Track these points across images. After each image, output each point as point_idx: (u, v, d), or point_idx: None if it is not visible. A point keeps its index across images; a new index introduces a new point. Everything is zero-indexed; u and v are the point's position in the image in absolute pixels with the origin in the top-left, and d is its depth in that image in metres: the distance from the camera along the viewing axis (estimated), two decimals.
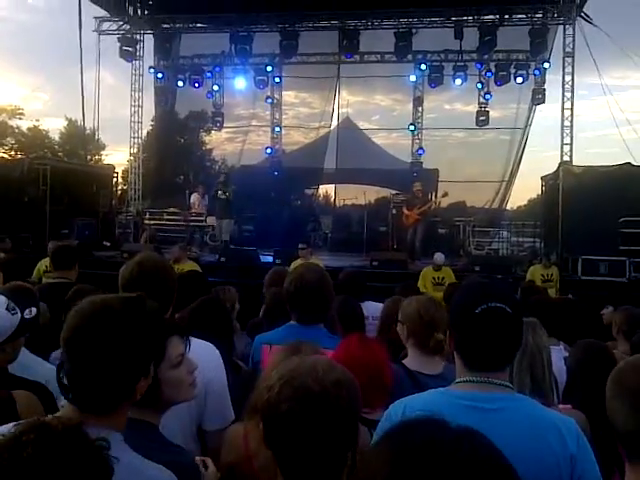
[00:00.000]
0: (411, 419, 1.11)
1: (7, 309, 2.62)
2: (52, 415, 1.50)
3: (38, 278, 7.60)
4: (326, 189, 28.26)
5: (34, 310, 2.89)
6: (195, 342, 2.33)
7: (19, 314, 2.70)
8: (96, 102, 21.26)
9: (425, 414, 1.11)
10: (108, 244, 16.80)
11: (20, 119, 43.14)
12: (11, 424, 1.58)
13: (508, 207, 24.77)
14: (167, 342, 2.14)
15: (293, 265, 7.88)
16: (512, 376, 2.42)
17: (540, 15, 20.24)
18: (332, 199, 26.68)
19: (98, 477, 1.19)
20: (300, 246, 11.38)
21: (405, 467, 0.98)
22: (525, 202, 40.50)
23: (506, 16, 20.16)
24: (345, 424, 1.57)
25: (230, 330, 3.66)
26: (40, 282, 6.58)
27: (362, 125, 25.06)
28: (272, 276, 5.72)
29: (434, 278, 11.20)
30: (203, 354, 2.56)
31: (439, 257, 11.65)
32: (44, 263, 7.93)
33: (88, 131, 25.19)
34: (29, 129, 44.42)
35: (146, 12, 22.24)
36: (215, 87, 23.29)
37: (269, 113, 25.04)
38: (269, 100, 24.18)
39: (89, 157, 28.92)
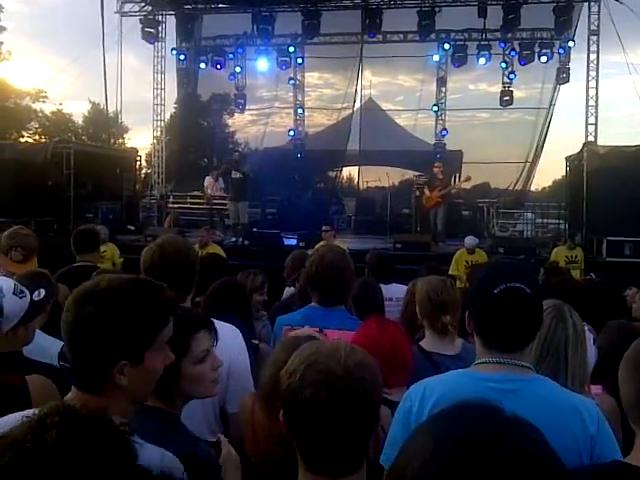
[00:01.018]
0: (465, 404, 1.08)
1: (14, 293, 2.65)
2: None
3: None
4: (349, 171, 28.18)
5: (42, 292, 2.90)
6: (217, 324, 2.32)
7: (28, 297, 2.73)
8: (119, 85, 21.36)
9: (478, 399, 1.08)
10: (132, 228, 16.92)
11: (44, 102, 43.25)
12: (18, 414, 1.58)
13: (532, 188, 24.61)
14: (192, 337, 2.15)
15: (316, 247, 7.88)
16: (538, 360, 2.41)
17: None
18: (355, 181, 26.63)
19: (122, 462, 1.19)
20: (324, 228, 11.34)
21: (451, 459, 0.95)
22: (549, 183, 40.07)
23: None
24: (368, 407, 1.55)
25: (249, 312, 3.67)
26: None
27: (385, 106, 24.94)
28: (292, 259, 5.74)
29: (467, 262, 10.97)
30: (225, 337, 2.54)
31: (470, 240, 11.43)
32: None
33: (111, 114, 25.32)
34: (52, 113, 44.64)
35: None
36: (237, 69, 23.29)
37: (292, 95, 25.03)
38: (292, 81, 24.16)
39: (112, 140, 29.06)
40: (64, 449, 1.11)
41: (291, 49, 22.23)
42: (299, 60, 23.44)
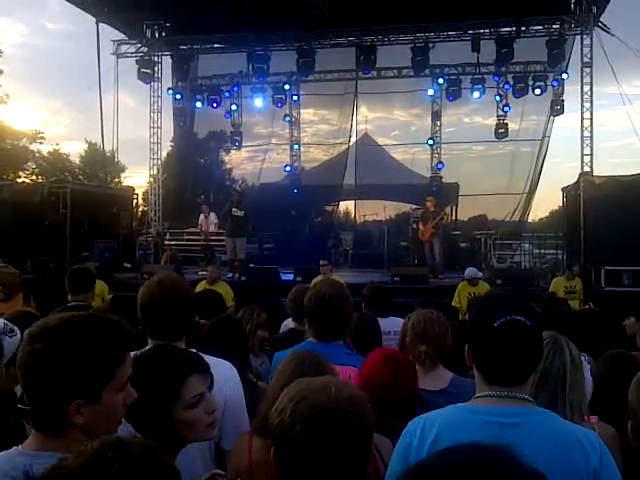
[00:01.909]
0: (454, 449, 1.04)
1: (4, 332, 2.64)
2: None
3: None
4: (346, 205, 28.30)
5: None
6: (212, 360, 2.29)
7: (18, 335, 2.72)
8: (115, 124, 21.55)
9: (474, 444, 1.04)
10: (129, 265, 16.91)
11: (41, 143, 43.52)
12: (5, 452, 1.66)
13: (530, 219, 24.65)
14: (183, 383, 2.11)
15: (314, 282, 7.86)
16: (536, 390, 2.38)
17: (557, 26, 20.24)
18: (352, 215, 26.71)
19: None
20: (321, 262, 11.34)
21: None
22: (546, 214, 40.19)
23: (523, 27, 20.12)
24: (360, 440, 1.54)
25: (245, 348, 3.64)
26: None
27: (381, 141, 25.13)
28: (295, 293, 5.70)
29: (470, 294, 10.69)
30: (220, 373, 2.51)
31: (470, 272, 11.29)
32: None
33: (108, 154, 25.47)
34: (50, 153, 44.89)
35: (163, 34, 22.53)
36: (233, 107, 23.52)
37: (288, 131, 25.21)
38: (287, 118, 24.34)
39: (109, 179, 29.18)
40: None
41: (286, 87, 22.44)
42: (294, 97, 23.66)
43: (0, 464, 1.62)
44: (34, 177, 40.61)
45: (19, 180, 34.39)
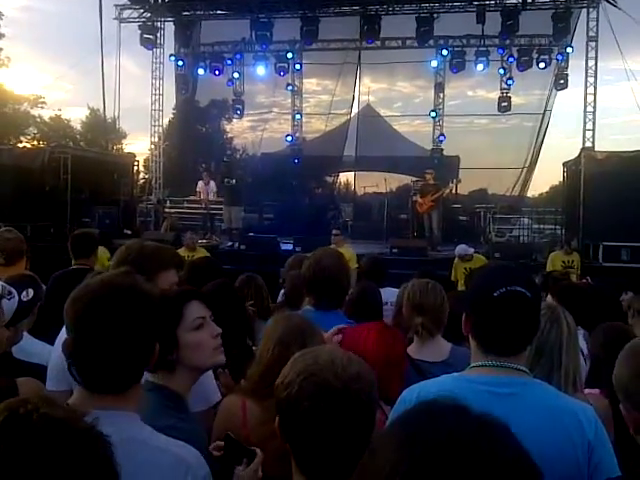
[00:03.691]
0: (430, 404, 1.02)
1: (2, 295, 2.65)
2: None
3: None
4: (347, 177, 28.27)
5: (31, 292, 2.89)
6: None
7: (16, 297, 2.74)
8: (117, 91, 21.41)
9: (445, 398, 1.03)
10: (129, 232, 16.91)
11: (42, 108, 43.25)
12: None
13: (530, 194, 24.67)
14: (184, 305, 2.18)
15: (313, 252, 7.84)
16: (532, 362, 2.41)
17: None
18: (352, 187, 26.68)
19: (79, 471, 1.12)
20: (334, 232, 11.24)
21: (416, 461, 0.89)
22: (547, 189, 40.09)
23: (529, 0, 19.88)
24: (365, 417, 1.56)
25: (242, 314, 3.65)
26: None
27: (384, 112, 24.97)
28: (292, 263, 5.74)
29: (465, 269, 10.60)
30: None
31: (460, 250, 11.10)
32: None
33: (109, 120, 25.32)
34: (51, 118, 44.58)
35: None
36: (236, 75, 23.28)
37: (290, 101, 25.04)
38: (290, 87, 24.14)
39: (110, 146, 29.05)
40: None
41: (289, 55, 22.22)
42: (297, 66, 23.45)
43: None
44: (35, 142, 40.40)
45: (20, 145, 34.20)
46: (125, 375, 1.69)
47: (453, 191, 17.21)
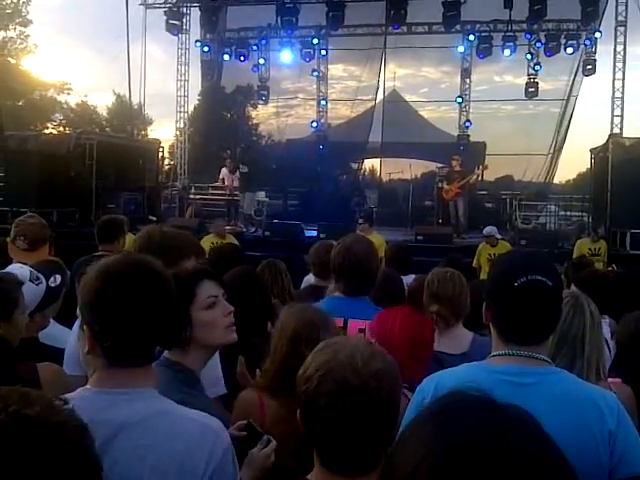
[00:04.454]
0: (458, 395, 1.01)
1: (31, 280, 2.68)
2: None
3: None
4: (372, 163, 28.15)
5: (58, 277, 2.93)
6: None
7: (44, 283, 2.77)
8: (143, 77, 21.49)
9: (472, 388, 1.02)
10: (154, 218, 17.01)
11: (68, 94, 43.58)
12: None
13: (557, 181, 24.39)
14: (196, 284, 2.21)
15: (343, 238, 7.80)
16: (555, 350, 2.39)
17: None
18: (377, 173, 26.56)
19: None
20: (359, 221, 11.23)
21: (445, 455, 0.88)
22: (574, 176, 39.51)
23: None
24: (385, 412, 1.54)
25: (264, 301, 3.66)
26: None
27: (409, 98, 24.82)
28: (318, 249, 5.71)
29: (490, 255, 10.55)
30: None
31: (490, 229, 11.21)
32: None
33: (135, 106, 25.44)
34: (77, 105, 44.99)
35: None
36: (261, 60, 23.30)
37: (315, 87, 24.99)
38: (315, 73, 24.08)
39: (136, 132, 29.24)
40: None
41: (315, 41, 22.18)
42: (323, 52, 23.35)
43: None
44: (61, 128, 40.77)
45: (46, 131, 34.56)
46: (146, 349, 1.74)
47: (479, 178, 17.03)
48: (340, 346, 1.65)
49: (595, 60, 20.43)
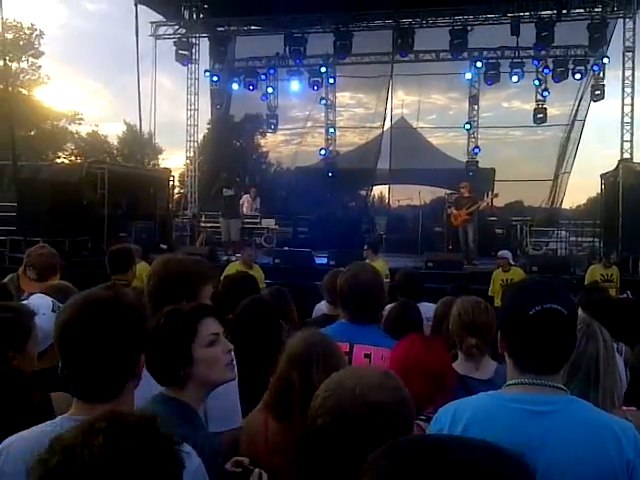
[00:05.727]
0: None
1: (53, 310, 2.68)
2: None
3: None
4: (380, 190, 28.25)
5: None
6: None
7: None
8: (153, 106, 21.70)
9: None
10: (165, 247, 17.03)
11: (79, 124, 44.13)
12: (39, 426, 1.78)
13: (567, 206, 24.34)
14: (198, 322, 2.22)
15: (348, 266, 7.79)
16: (568, 378, 2.36)
17: (599, 9, 19.76)
18: (386, 200, 26.61)
19: (167, 472, 1.21)
20: (365, 247, 11.21)
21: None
22: (584, 201, 39.58)
23: (564, 11, 19.68)
24: (374, 444, 1.55)
25: (276, 331, 3.64)
26: None
27: (418, 125, 24.92)
28: (330, 278, 5.67)
29: (502, 280, 10.56)
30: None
31: (503, 252, 11.27)
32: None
33: (145, 135, 25.63)
34: (88, 134, 45.50)
35: (201, 16, 22.57)
36: (270, 89, 23.52)
37: (323, 114, 25.15)
38: (323, 101, 24.30)
39: (146, 161, 29.45)
40: (110, 455, 1.15)
41: (323, 69, 22.35)
42: (331, 80, 23.55)
43: None
44: (73, 158, 41.19)
45: (58, 160, 34.89)
46: (111, 383, 1.81)
47: (489, 205, 17.00)
48: (352, 373, 1.70)
49: (604, 85, 20.50)
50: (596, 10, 19.75)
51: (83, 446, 1.15)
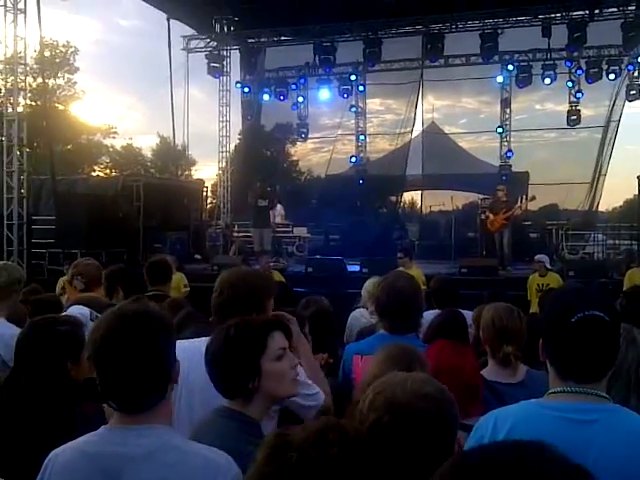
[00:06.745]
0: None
1: (92, 319, 2.74)
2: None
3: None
4: (412, 196, 28.13)
5: None
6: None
7: None
8: (186, 118, 21.95)
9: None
10: (199, 257, 17.18)
11: (114, 138, 44.89)
12: (88, 434, 1.86)
13: (603, 208, 23.96)
14: (268, 336, 2.24)
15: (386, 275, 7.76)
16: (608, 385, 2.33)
17: (633, 7, 19.40)
18: (418, 206, 26.52)
19: None
20: (398, 255, 11.17)
21: None
22: (620, 202, 38.96)
23: (596, 11, 19.38)
24: (429, 438, 1.54)
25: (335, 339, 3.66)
26: None
27: (448, 129, 24.78)
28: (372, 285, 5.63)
29: (538, 285, 10.51)
30: None
31: (540, 256, 11.24)
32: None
33: (179, 147, 25.91)
34: (123, 147, 46.24)
35: (232, 28, 22.72)
36: (300, 99, 23.62)
37: (354, 122, 25.15)
38: (353, 109, 24.32)
39: (180, 172, 29.76)
40: (344, 467, 1.23)
41: (352, 77, 22.39)
42: (360, 87, 23.61)
43: None
44: (108, 171, 41.84)
45: (94, 174, 35.45)
46: (149, 394, 1.85)
47: (525, 208, 16.81)
48: (397, 375, 1.74)
49: (639, 85, 20.16)
50: (630, 9, 19.42)
51: (319, 452, 1.23)
